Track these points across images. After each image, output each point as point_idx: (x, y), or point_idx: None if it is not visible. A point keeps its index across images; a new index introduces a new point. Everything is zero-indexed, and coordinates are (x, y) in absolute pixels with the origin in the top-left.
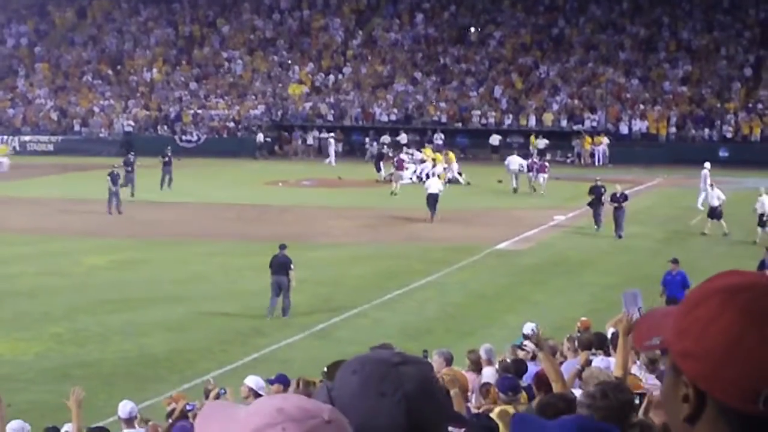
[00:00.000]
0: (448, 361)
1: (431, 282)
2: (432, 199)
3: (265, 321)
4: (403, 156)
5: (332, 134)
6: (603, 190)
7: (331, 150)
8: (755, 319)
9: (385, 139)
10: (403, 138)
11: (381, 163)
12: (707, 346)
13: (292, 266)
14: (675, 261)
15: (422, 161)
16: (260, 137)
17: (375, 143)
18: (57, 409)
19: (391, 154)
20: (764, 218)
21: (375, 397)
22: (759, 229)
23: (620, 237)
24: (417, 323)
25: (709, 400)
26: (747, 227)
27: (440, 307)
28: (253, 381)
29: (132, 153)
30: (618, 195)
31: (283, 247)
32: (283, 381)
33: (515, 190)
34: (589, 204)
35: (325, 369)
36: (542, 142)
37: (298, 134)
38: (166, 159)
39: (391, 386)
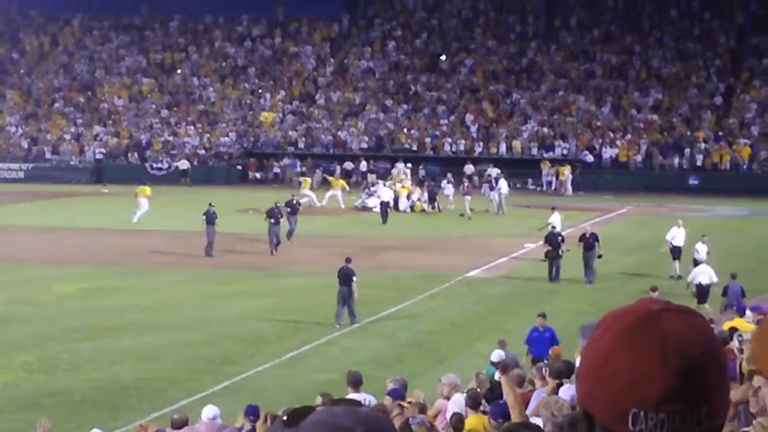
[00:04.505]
0: (404, 388)
1: (402, 310)
2: (383, 206)
3: (235, 349)
4: (468, 182)
5: (408, 164)
6: (561, 239)
7: (406, 182)
8: (626, 341)
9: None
10: (469, 168)
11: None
12: (587, 366)
13: (354, 278)
14: (543, 315)
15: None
16: (184, 164)
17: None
18: None
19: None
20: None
21: None
22: (676, 262)
23: (590, 282)
24: (388, 351)
25: (595, 421)
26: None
27: (411, 335)
28: (208, 412)
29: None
30: (588, 236)
31: (348, 260)
32: (252, 413)
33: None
34: (546, 254)
35: (285, 417)
36: (495, 171)
37: (295, 162)
38: (289, 209)
39: None
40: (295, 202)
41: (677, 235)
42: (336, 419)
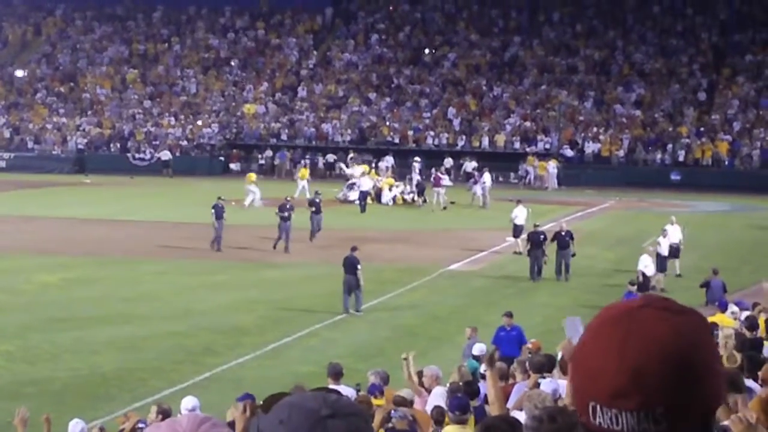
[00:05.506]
0: (385, 380)
1: (383, 302)
2: (362, 195)
3: (216, 340)
4: (439, 174)
5: (417, 158)
6: (543, 237)
7: (415, 175)
8: (597, 335)
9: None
10: (448, 162)
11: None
12: (574, 358)
13: (359, 266)
14: (508, 314)
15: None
16: (166, 155)
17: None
18: (5, 428)
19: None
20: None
21: None
22: (675, 261)
23: (567, 280)
24: (368, 343)
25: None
26: (705, 250)
27: (392, 328)
28: (187, 403)
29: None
30: (563, 234)
31: (354, 248)
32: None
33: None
34: (529, 252)
35: (262, 402)
36: (471, 164)
37: (284, 154)
38: (314, 209)
39: None
40: (318, 200)
41: (673, 232)
42: (303, 401)
